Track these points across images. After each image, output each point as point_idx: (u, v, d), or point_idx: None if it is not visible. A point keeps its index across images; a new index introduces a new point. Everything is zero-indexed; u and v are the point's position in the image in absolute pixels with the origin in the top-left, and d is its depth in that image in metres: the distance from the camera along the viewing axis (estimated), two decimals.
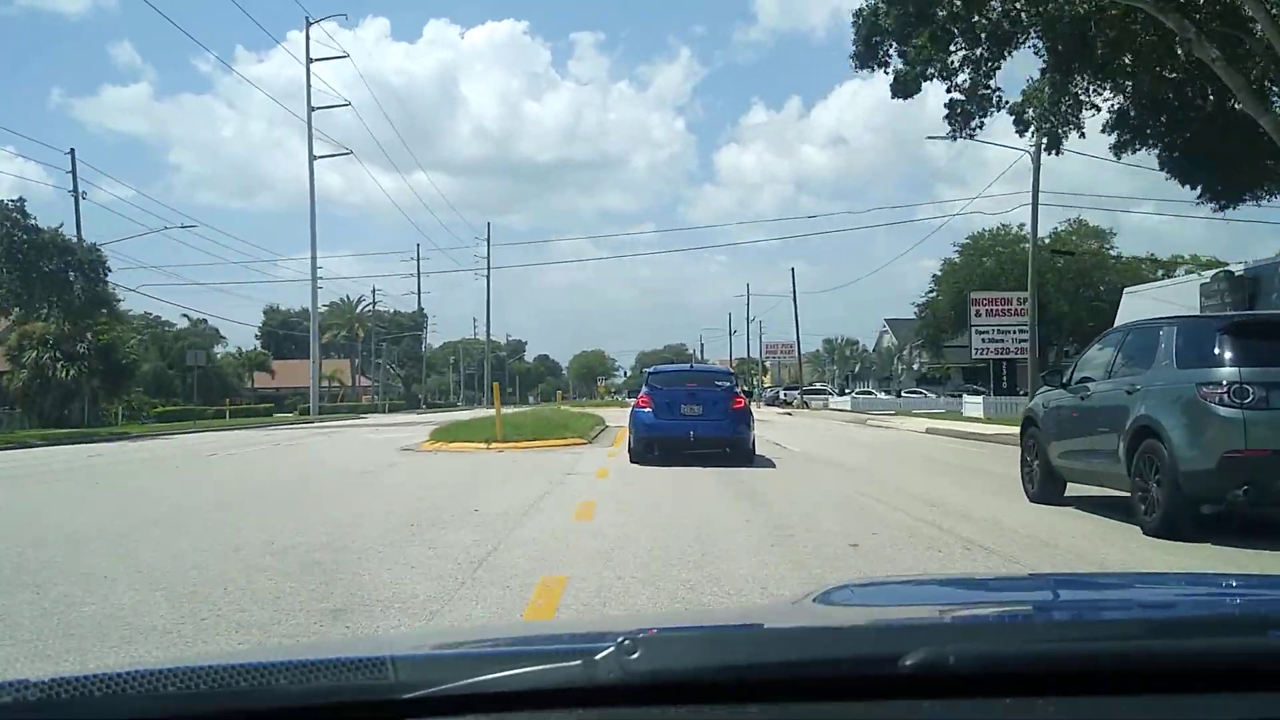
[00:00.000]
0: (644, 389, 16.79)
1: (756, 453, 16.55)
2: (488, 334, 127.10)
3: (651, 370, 20.67)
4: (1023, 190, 45.17)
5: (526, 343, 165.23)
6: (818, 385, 75.40)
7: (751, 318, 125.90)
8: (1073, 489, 10.57)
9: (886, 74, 21.26)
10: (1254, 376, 7.69)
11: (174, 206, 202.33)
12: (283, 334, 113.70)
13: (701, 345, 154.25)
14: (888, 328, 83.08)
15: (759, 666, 1.24)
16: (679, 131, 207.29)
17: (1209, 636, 1.43)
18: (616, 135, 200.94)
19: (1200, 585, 2.56)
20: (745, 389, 19.31)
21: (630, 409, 17.78)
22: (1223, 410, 7.70)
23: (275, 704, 1.18)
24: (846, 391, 71.32)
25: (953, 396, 58.17)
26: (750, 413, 16.65)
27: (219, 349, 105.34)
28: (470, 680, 1.19)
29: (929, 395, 66.79)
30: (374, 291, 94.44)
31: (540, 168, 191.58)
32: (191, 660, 1.33)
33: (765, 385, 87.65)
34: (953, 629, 1.62)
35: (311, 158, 58.55)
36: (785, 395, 78.50)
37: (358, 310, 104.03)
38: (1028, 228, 35.41)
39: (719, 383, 17.17)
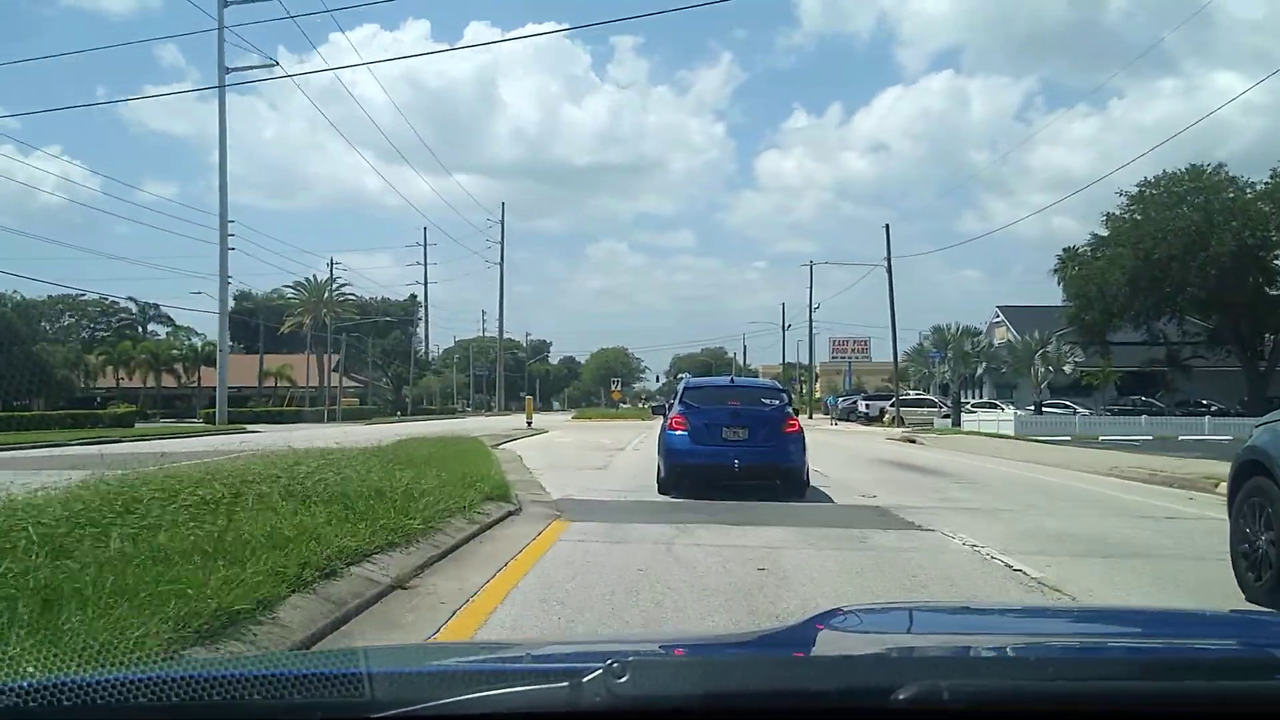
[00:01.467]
0: (677, 406, 13.72)
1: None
2: (500, 327, 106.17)
3: (687, 384, 15.55)
4: None
5: (551, 343, 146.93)
6: (911, 394, 52.52)
7: (786, 323, 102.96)
8: None
9: None
10: None
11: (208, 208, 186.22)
12: (253, 323, 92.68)
13: (744, 348, 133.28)
14: (1002, 317, 60.81)
15: (747, 695, 1.18)
16: (718, 136, 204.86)
17: (1212, 679, 1.36)
18: (655, 139, 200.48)
19: (1210, 624, 2.36)
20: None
21: (660, 429, 14.38)
22: None
23: (249, 717, 1.14)
24: (969, 402, 48.79)
25: (1120, 412, 43.49)
26: (804, 437, 13.57)
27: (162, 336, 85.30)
28: (450, 700, 1.13)
29: (1081, 410, 44.73)
30: (331, 265, 72.54)
31: (577, 171, 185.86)
32: (165, 670, 1.28)
33: (836, 394, 65.09)
34: (948, 663, 1.54)
35: (222, 70, 44.40)
36: (868, 407, 56.01)
37: (328, 293, 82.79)
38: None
39: (768, 400, 14.30)
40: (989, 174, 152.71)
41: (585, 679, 1.13)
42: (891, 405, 52.05)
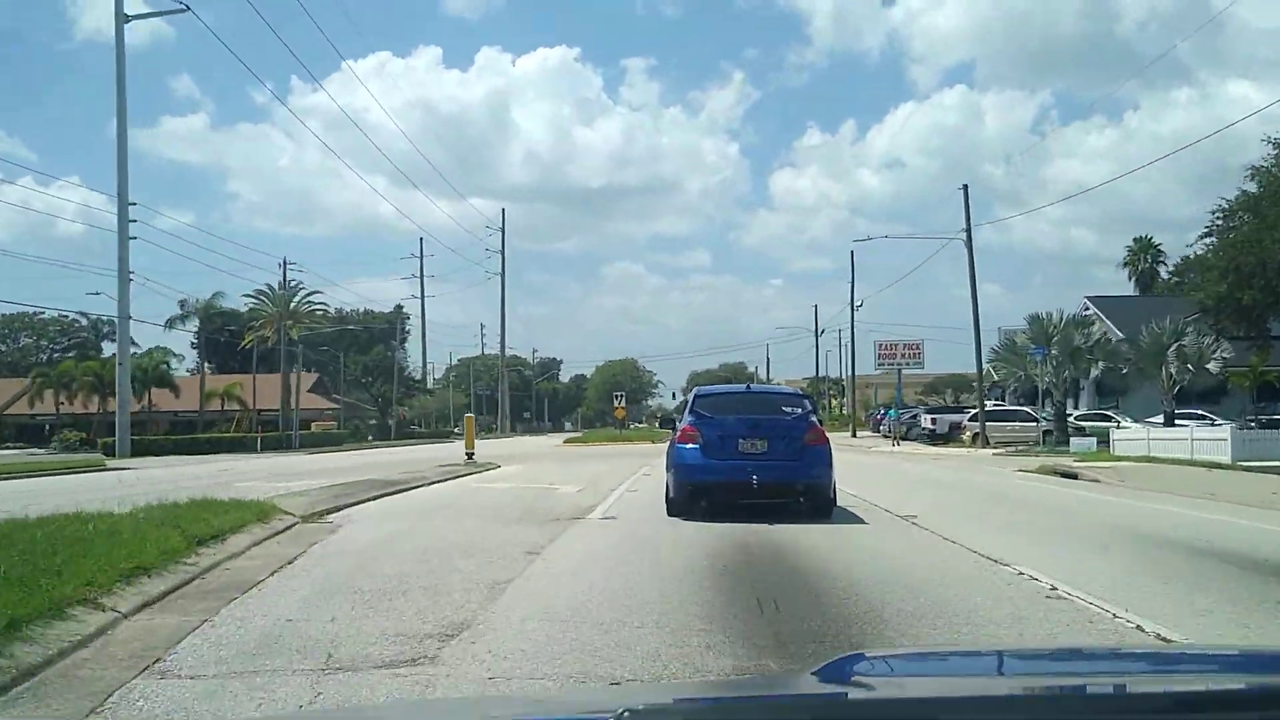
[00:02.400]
0: (688, 417, 12.21)
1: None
2: (502, 341, 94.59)
3: (698, 392, 13.72)
4: None
5: (561, 361, 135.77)
6: (989, 405, 40.22)
7: (819, 329, 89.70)
8: None
9: None
10: None
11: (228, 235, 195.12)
12: (223, 341, 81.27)
13: (768, 359, 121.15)
14: (1094, 309, 48.48)
15: None
16: (732, 156, 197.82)
17: (1245, 712, 1.32)
18: (669, 160, 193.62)
19: (1227, 658, 2.41)
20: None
21: (669, 443, 12.64)
22: None
23: None
24: (1073, 414, 36.68)
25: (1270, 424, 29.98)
26: (830, 449, 12.03)
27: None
28: None
29: (1219, 422, 32.70)
30: (284, 267, 60.85)
31: (592, 193, 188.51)
32: None
33: (892, 406, 52.90)
34: (964, 703, 1.49)
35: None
36: (934, 422, 43.69)
37: (295, 303, 71.20)
38: None
39: (788, 409, 12.68)
40: (1005, 186, 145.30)
41: None
42: (972, 419, 39.65)
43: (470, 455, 22.51)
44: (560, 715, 1.41)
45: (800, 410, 12.60)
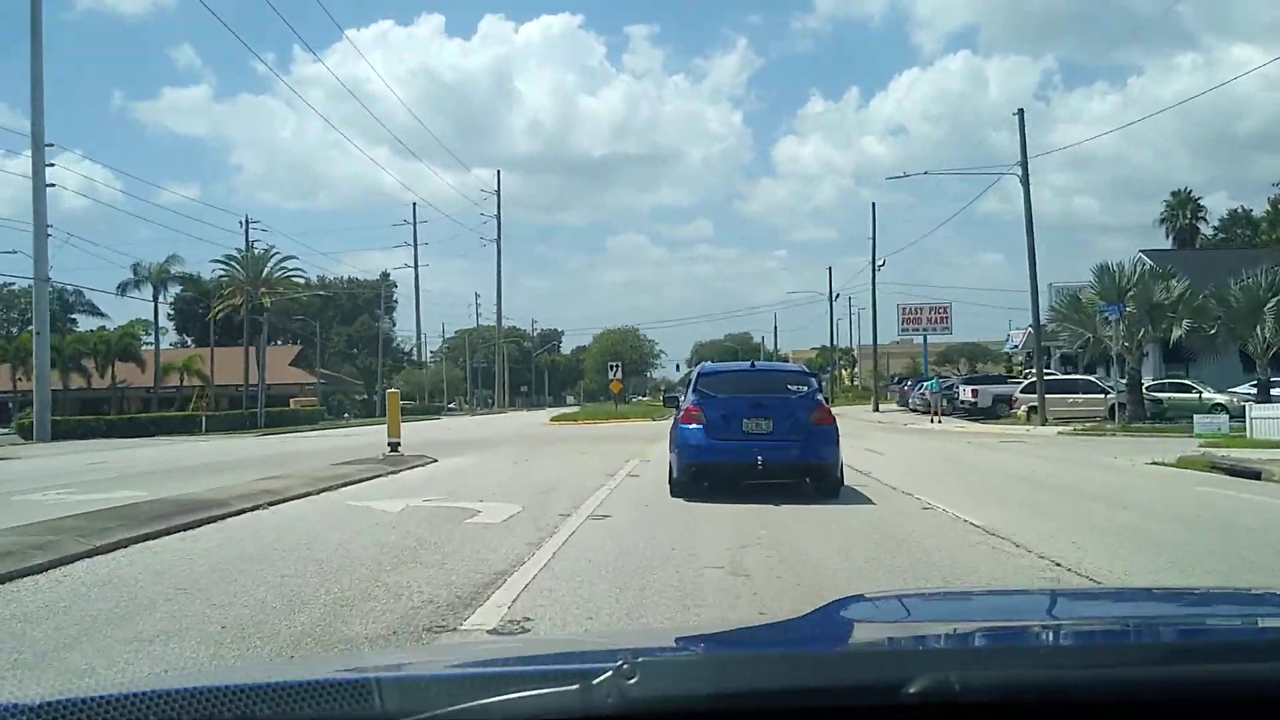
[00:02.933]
0: (690, 396, 11.86)
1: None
2: (498, 310, 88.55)
3: (701, 370, 13.56)
4: None
5: (563, 333, 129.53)
6: (1037, 376, 33.98)
7: (833, 293, 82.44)
8: None
9: None
10: None
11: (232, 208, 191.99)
12: (200, 312, 75.22)
13: (775, 329, 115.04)
14: (1151, 265, 41.84)
15: (758, 694, 1.16)
16: (735, 124, 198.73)
17: (1235, 662, 1.30)
18: (672, 129, 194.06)
19: (1234, 604, 2.27)
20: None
21: (672, 422, 12.27)
22: None
23: None
24: (1147, 385, 30.55)
25: None
26: (837, 428, 11.52)
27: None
28: (460, 707, 1.10)
29: None
30: (247, 226, 54.47)
31: (595, 163, 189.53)
32: (174, 683, 1.26)
33: (924, 378, 46.70)
34: (960, 654, 1.50)
35: None
36: (975, 394, 37.49)
37: (267, 269, 65.02)
38: None
39: (794, 386, 12.22)
40: (1008, 152, 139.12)
41: (595, 681, 1.11)
42: (1026, 391, 33.47)
43: (394, 447, 16.34)
44: (559, 665, 1.37)
45: (806, 388, 12.22)
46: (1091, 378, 33.61)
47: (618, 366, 44.09)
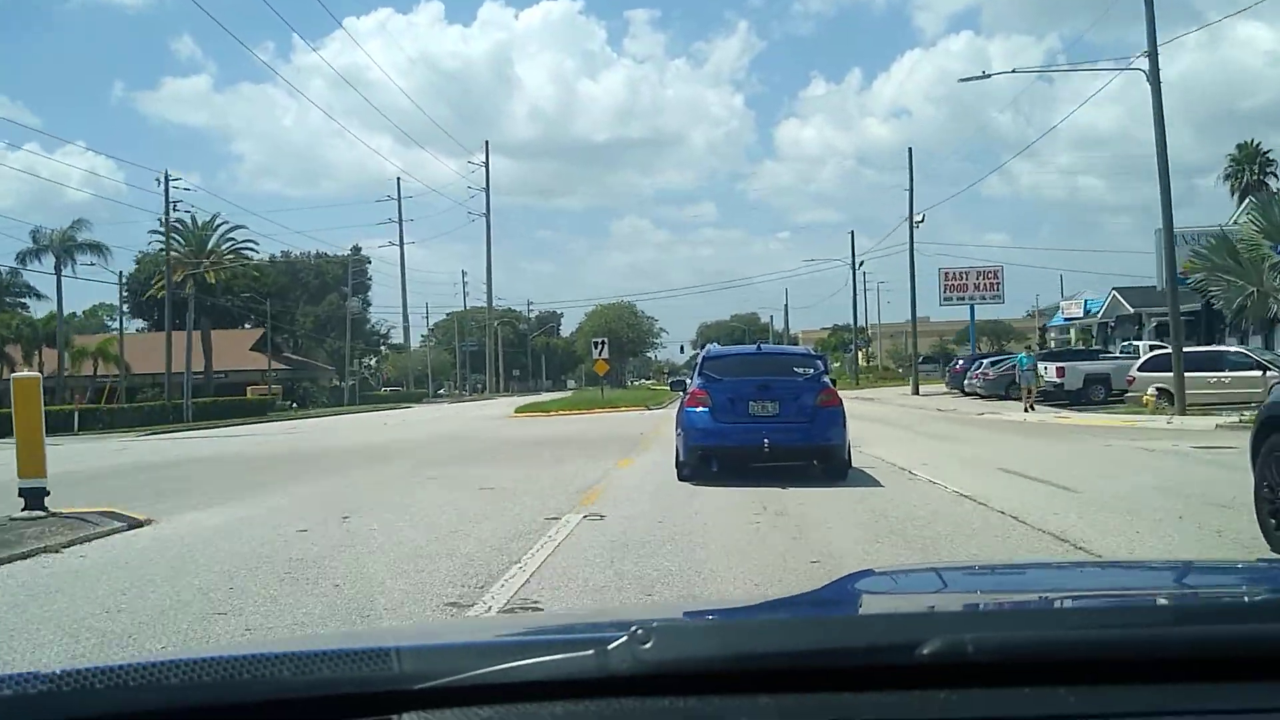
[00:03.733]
0: (696, 379, 11.63)
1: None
2: (489, 289, 79.81)
3: (708, 354, 13.38)
4: None
5: (562, 315, 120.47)
6: (1173, 347, 24.49)
7: (857, 261, 72.45)
8: None
9: None
10: None
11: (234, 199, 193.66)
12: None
13: (786, 308, 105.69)
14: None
15: (771, 656, 1.15)
16: (737, 108, 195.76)
17: (1239, 623, 1.29)
18: (674, 113, 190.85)
19: (1234, 573, 2.29)
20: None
21: (679, 406, 12.03)
22: None
23: (278, 694, 1.11)
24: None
25: None
26: (844, 411, 11.26)
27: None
28: (478, 671, 1.10)
29: None
30: (165, 181, 45.25)
31: (597, 148, 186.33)
32: (196, 653, 1.24)
33: (966, 356, 37.59)
34: (971, 617, 1.51)
35: None
36: (1060, 374, 28.39)
37: (213, 242, 56.09)
38: None
39: (801, 369, 11.86)
40: (1013, 133, 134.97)
41: (610, 646, 1.10)
42: (1146, 368, 24.40)
43: (33, 499, 7.24)
44: (573, 634, 1.35)
45: (813, 371, 11.78)
46: (1243, 349, 24.48)
47: (602, 344, 35.15)
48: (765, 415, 10.94)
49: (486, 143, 75.52)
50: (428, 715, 1.08)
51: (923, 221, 39.29)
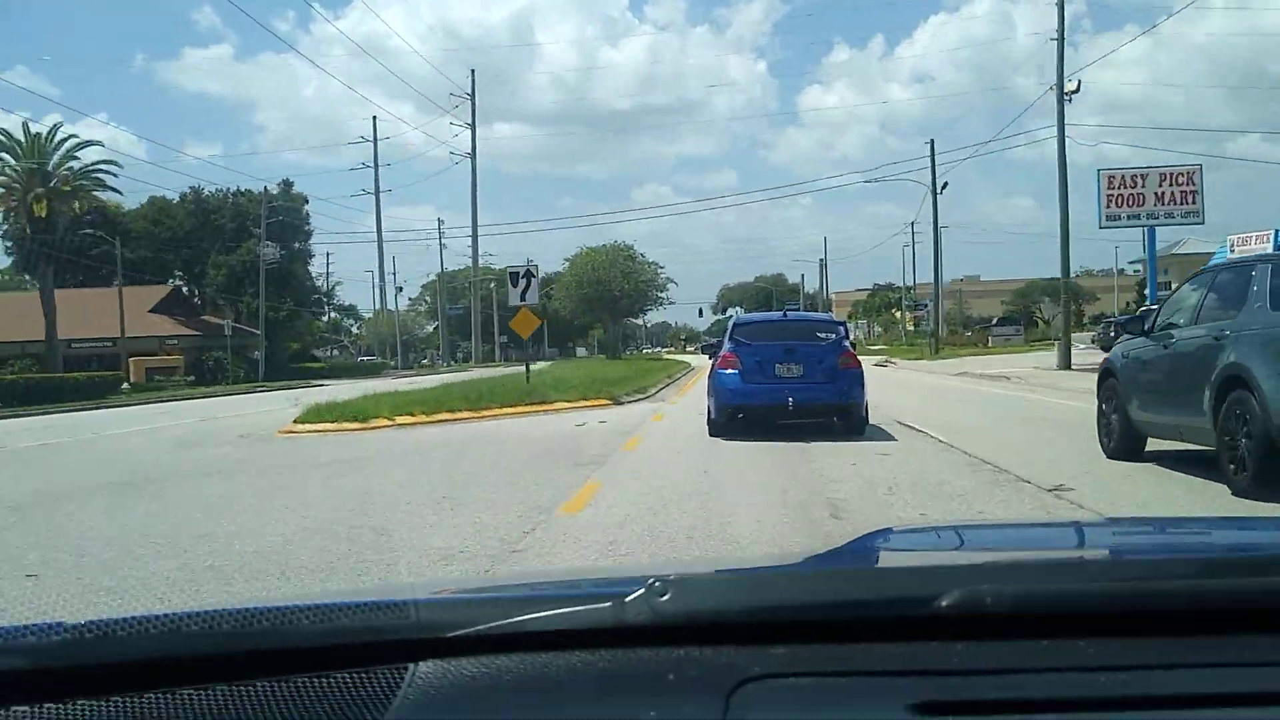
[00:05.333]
0: (727, 344, 12.19)
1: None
2: (474, 244, 63.63)
3: (737, 320, 14.24)
4: None
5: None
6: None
7: (938, 180, 54.12)
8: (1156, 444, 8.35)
9: None
10: None
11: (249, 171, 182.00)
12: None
13: (824, 264, 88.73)
14: None
15: (788, 608, 1.13)
16: (759, 74, 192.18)
17: (1259, 575, 1.26)
18: (696, 80, 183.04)
19: (1250, 529, 2.28)
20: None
21: (710, 369, 12.69)
22: None
23: (297, 644, 1.09)
24: None
25: None
26: (863, 371, 12.04)
27: None
28: (496, 622, 1.09)
29: None
30: None
31: (619, 116, 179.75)
32: (216, 604, 1.23)
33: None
34: (990, 570, 1.42)
35: None
36: None
37: (55, 158, 39.61)
38: None
39: (823, 334, 12.46)
40: (1036, 97, 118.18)
41: (628, 598, 1.08)
42: None
43: None
44: (590, 588, 1.36)
45: (834, 336, 12.36)
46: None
47: (527, 278, 18.32)
48: (790, 377, 11.50)
49: (472, 71, 59.19)
50: (445, 664, 1.06)
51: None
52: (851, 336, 14.38)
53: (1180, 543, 1.94)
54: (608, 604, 1.09)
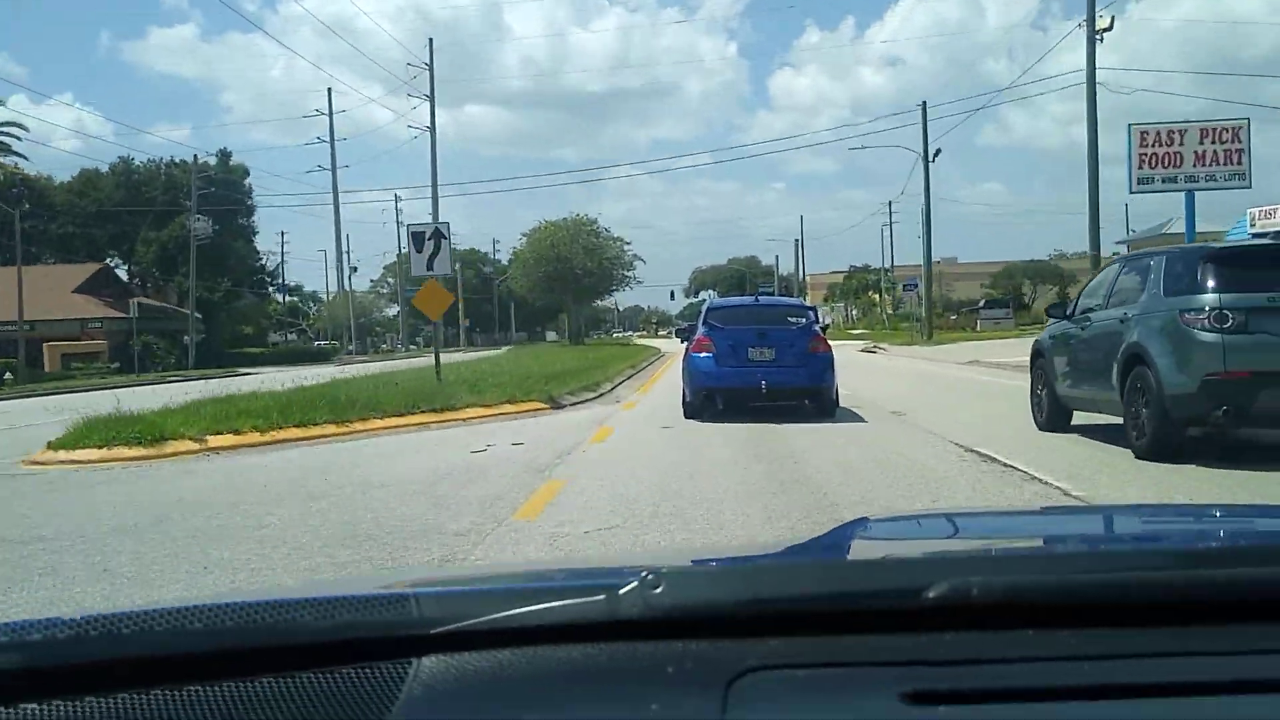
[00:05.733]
0: (700, 328, 12.36)
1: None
2: (435, 210, 58.44)
3: (710, 305, 14.16)
4: None
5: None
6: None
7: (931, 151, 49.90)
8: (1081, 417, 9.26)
9: None
10: (1233, 302, 7.28)
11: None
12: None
13: (800, 244, 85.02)
14: None
15: (780, 600, 1.15)
16: (730, 57, 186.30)
17: (1244, 565, 1.27)
18: (668, 63, 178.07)
19: (1234, 517, 2.20)
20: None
21: (684, 352, 12.89)
22: (1203, 335, 7.34)
23: (297, 639, 1.09)
24: None
25: None
26: (833, 355, 12.32)
27: None
28: (493, 616, 1.10)
29: None
30: None
31: (591, 98, 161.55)
32: (216, 598, 1.22)
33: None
34: (976, 561, 1.47)
35: None
36: None
37: None
38: None
39: (794, 319, 12.74)
40: (1007, 83, 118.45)
41: (621, 591, 1.10)
42: None
43: None
44: (585, 580, 1.33)
45: (805, 320, 12.61)
46: None
47: (436, 240, 14.17)
48: (763, 360, 11.64)
49: (430, 40, 54.23)
50: (447, 658, 1.06)
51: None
52: (824, 321, 14.42)
53: (1166, 532, 1.92)
54: (601, 597, 1.09)
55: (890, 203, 75.07)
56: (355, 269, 72.95)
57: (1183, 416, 7.36)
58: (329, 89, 70.80)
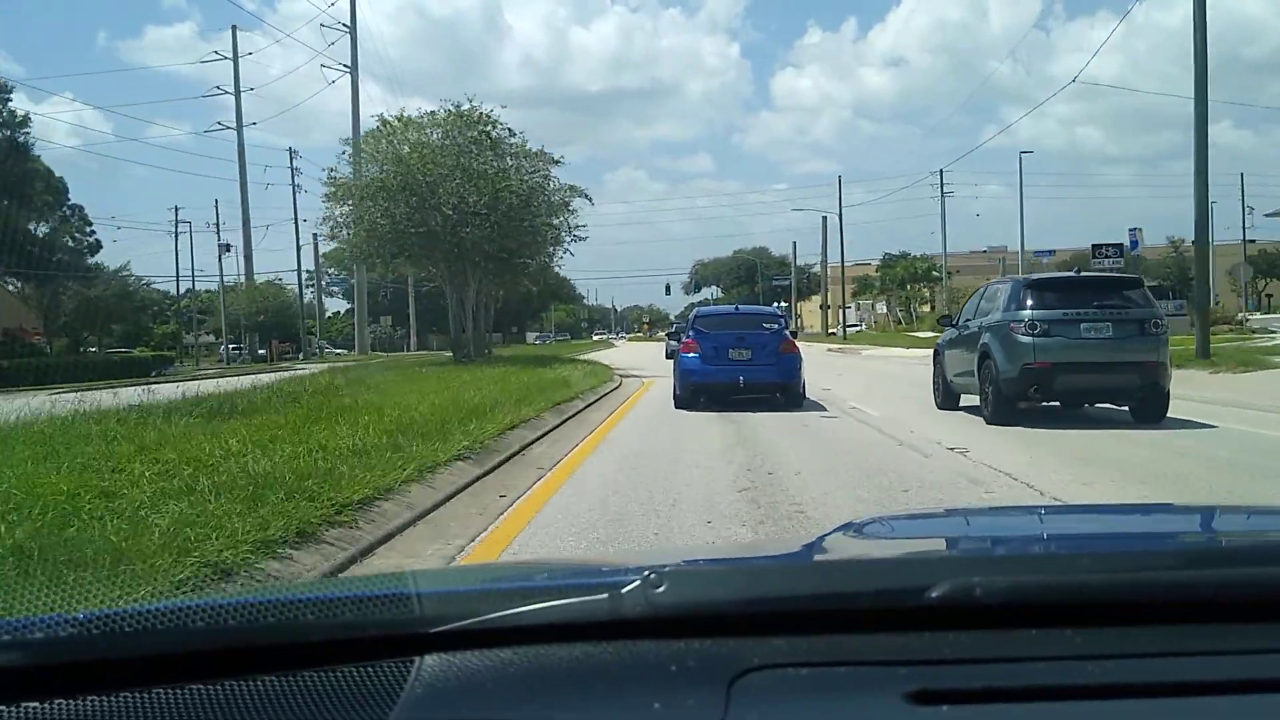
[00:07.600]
0: (689, 332, 15.13)
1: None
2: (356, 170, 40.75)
3: (698, 313, 17.09)
4: None
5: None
6: None
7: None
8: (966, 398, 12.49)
9: None
10: (1041, 316, 10.84)
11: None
12: None
13: (825, 233, 69.01)
14: None
15: (783, 599, 1.16)
16: (732, 57, 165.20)
17: (1245, 566, 1.29)
18: (669, 63, 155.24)
19: (1235, 517, 2.25)
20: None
21: (675, 353, 16.30)
22: (1022, 338, 10.85)
23: (302, 638, 1.11)
24: None
25: None
26: (801, 355, 14.92)
27: None
28: (495, 614, 1.10)
29: None
30: None
31: (592, 99, 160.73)
32: (218, 598, 1.28)
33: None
34: (980, 561, 1.49)
35: None
36: None
37: None
38: None
39: (767, 325, 15.36)
40: (1010, 84, 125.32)
41: (624, 590, 1.10)
42: None
43: None
44: (588, 579, 1.33)
45: (776, 326, 15.07)
46: None
47: None
48: (741, 360, 13.88)
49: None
50: (449, 657, 1.05)
51: None
52: (792, 327, 18.03)
53: (1169, 532, 1.93)
54: (604, 596, 1.09)
55: (940, 170, 58.17)
56: (228, 246, 57.08)
57: (1011, 394, 10.95)
58: (233, 26, 56.34)
